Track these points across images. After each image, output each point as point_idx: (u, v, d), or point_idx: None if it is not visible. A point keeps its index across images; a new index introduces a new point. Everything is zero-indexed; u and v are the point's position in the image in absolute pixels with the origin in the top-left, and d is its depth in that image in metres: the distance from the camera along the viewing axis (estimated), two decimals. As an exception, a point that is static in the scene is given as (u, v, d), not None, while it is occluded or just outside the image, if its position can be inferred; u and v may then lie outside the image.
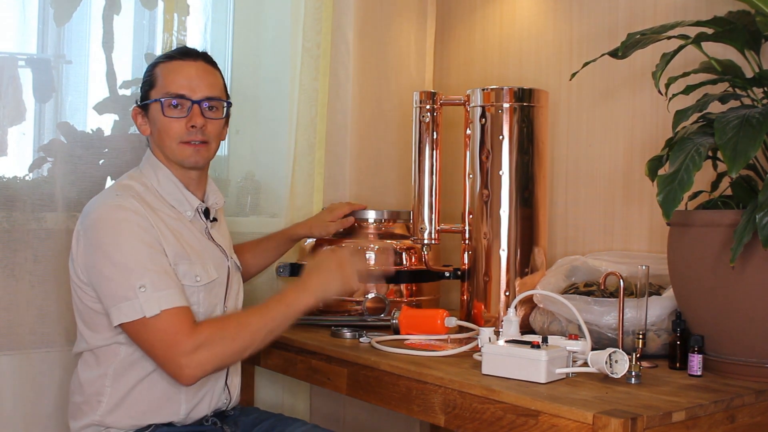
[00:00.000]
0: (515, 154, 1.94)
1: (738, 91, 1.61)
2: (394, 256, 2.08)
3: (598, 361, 1.43)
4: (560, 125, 2.22)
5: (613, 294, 1.71)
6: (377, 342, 1.74)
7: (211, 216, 1.79)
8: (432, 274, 2.09)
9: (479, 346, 1.55)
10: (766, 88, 1.58)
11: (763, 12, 1.50)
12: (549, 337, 1.50)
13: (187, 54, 1.73)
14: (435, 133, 2.02)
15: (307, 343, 1.83)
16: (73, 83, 2.05)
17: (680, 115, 1.52)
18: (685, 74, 1.62)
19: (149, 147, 1.76)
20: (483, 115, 1.97)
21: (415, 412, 1.55)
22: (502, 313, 1.91)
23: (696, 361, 1.51)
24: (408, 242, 2.10)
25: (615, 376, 1.42)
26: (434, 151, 2.02)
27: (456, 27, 2.59)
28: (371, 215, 2.14)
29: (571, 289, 1.80)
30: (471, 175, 2.00)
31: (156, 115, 1.70)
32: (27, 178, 1.96)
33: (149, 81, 1.73)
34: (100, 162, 2.04)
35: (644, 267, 1.62)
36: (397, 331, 1.84)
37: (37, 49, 2.04)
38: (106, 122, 2.09)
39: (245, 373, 1.97)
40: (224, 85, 1.78)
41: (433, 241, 2.02)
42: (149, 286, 1.53)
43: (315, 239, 2.14)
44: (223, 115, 1.75)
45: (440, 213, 2.03)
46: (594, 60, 1.72)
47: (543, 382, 1.40)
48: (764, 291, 1.42)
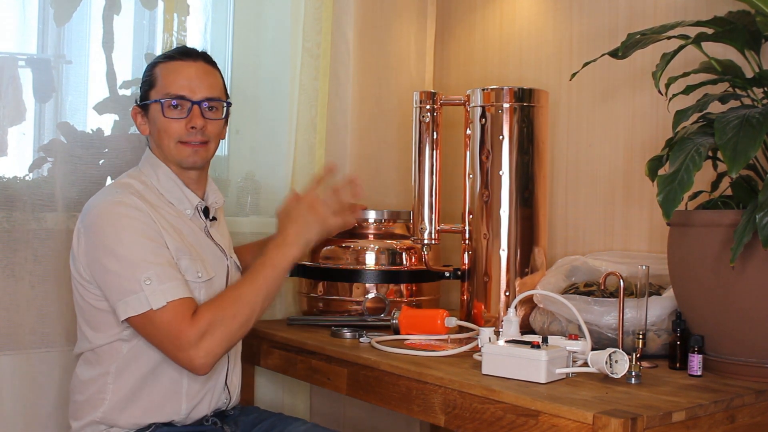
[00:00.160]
0: (515, 154, 1.94)
1: (738, 91, 1.61)
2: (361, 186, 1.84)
3: (598, 361, 1.43)
4: (560, 125, 2.22)
5: (613, 294, 1.71)
6: (377, 342, 1.74)
7: (211, 215, 1.79)
8: (432, 274, 2.09)
9: (479, 346, 1.55)
10: (766, 88, 1.58)
11: (763, 12, 1.50)
12: (549, 337, 1.50)
13: (187, 54, 1.73)
14: (435, 133, 2.02)
15: (307, 343, 1.83)
16: (73, 83, 2.05)
17: (680, 115, 1.52)
18: (685, 74, 1.62)
19: (149, 146, 1.76)
20: (483, 115, 1.97)
21: (415, 412, 1.55)
22: (502, 313, 1.91)
23: (696, 361, 1.51)
24: (408, 242, 2.10)
25: (615, 376, 1.42)
26: (434, 151, 2.02)
27: (456, 27, 2.59)
28: (371, 215, 2.14)
29: (571, 289, 1.80)
30: (471, 175, 2.00)
31: (156, 116, 1.70)
32: (27, 178, 1.96)
33: (149, 81, 1.73)
34: (100, 162, 2.04)
35: (644, 267, 1.62)
36: (397, 331, 1.84)
37: (37, 49, 2.04)
38: (106, 122, 2.09)
39: (245, 373, 1.97)
40: (224, 85, 1.78)
41: (433, 241, 2.02)
42: (154, 278, 1.53)
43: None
44: (223, 116, 1.75)
45: (440, 213, 2.03)
46: (594, 60, 1.72)
47: (543, 382, 1.40)
48: (764, 291, 1.42)
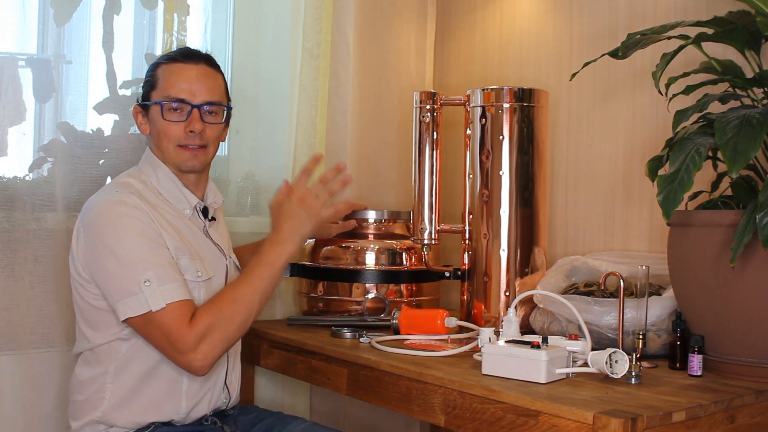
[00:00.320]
0: (515, 154, 1.94)
1: (738, 91, 1.61)
2: (349, 173, 1.84)
3: (598, 361, 1.43)
4: (560, 125, 2.22)
5: (613, 294, 1.71)
6: (377, 342, 1.74)
7: (210, 215, 1.79)
8: (432, 274, 2.09)
9: (479, 346, 1.55)
10: (766, 88, 1.58)
11: (763, 12, 1.50)
12: (549, 337, 1.50)
13: (189, 56, 1.72)
14: (435, 133, 2.02)
15: (307, 343, 1.83)
16: (73, 83, 2.05)
17: (680, 115, 1.52)
18: (685, 74, 1.62)
19: (149, 146, 1.76)
20: (483, 115, 1.97)
21: (415, 412, 1.55)
22: (502, 313, 1.91)
23: (696, 361, 1.51)
24: (408, 242, 2.10)
25: (615, 376, 1.42)
26: (434, 151, 2.02)
27: (456, 27, 2.59)
28: (371, 215, 2.14)
29: (571, 289, 1.80)
30: (471, 175, 2.00)
31: (155, 117, 1.70)
32: (27, 178, 1.96)
33: (150, 81, 1.73)
34: (100, 162, 2.04)
35: (644, 267, 1.62)
36: (397, 331, 1.84)
37: (37, 49, 2.04)
38: (106, 122, 2.09)
39: (245, 373, 1.97)
40: (225, 89, 1.77)
41: (433, 241, 2.02)
42: (154, 280, 1.53)
43: (315, 239, 2.14)
44: (223, 120, 1.75)
45: (440, 213, 2.03)
46: (594, 60, 1.72)
47: (543, 382, 1.40)
48: (764, 291, 1.42)
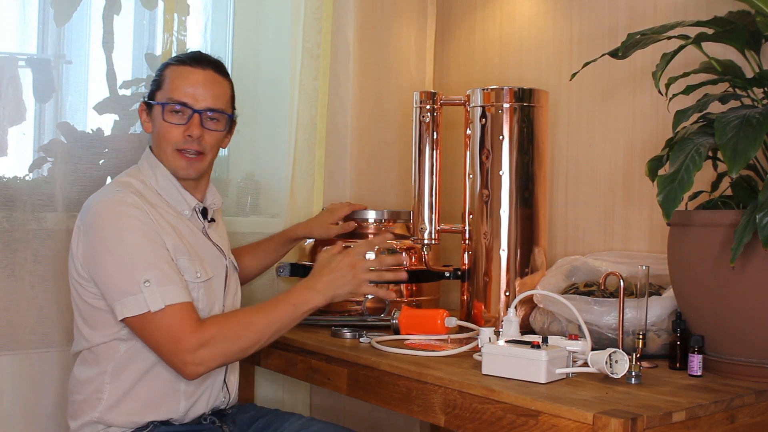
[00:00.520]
0: (515, 154, 1.94)
1: (738, 91, 1.61)
2: (406, 260, 2.00)
3: (598, 361, 1.43)
4: (560, 125, 2.22)
5: (613, 294, 1.71)
6: (377, 342, 1.74)
7: (209, 216, 1.79)
8: (432, 274, 2.09)
9: (479, 346, 1.55)
10: (766, 88, 1.58)
11: (763, 12, 1.50)
12: (549, 337, 1.50)
13: (198, 61, 1.72)
14: (435, 133, 2.02)
15: (307, 343, 1.83)
16: (73, 83, 2.05)
17: (680, 115, 1.52)
18: (686, 74, 1.62)
19: (149, 145, 1.76)
20: (483, 115, 1.97)
21: (415, 412, 1.54)
22: (502, 313, 1.91)
23: (696, 361, 1.51)
24: (408, 242, 2.10)
25: (615, 376, 1.42)
26: (434, 151, 2.02)
27: (456, 27, 2.59)
28: (371, 215, 2.14)
29: (571, 289, 1.80)
30: (471, 175, 2.00)
31: (157, 118, 1.71)
32: (27, 178, 1.96)
33: (157, 81, 1.73)
34: (100, 162, 2.04)
35: (644, 267, 1.61)
36: (397, 331, 1.84)
37: (37, 49, 2.04)
38: (106, 122, 2.09)
39: (245, 372, 1.97)
40: (231, 97, 1.77)
41: (433, 241, 2.02)
42: (153, 280, 1.53)
43: (315, 240, 2.14)
44: (224, 128, 1.75)
45: (440, 213, 2.03)
46: (594, 60, 1.72)
47: (543, 382, 1.40)
48: (764, 291, 1.42)
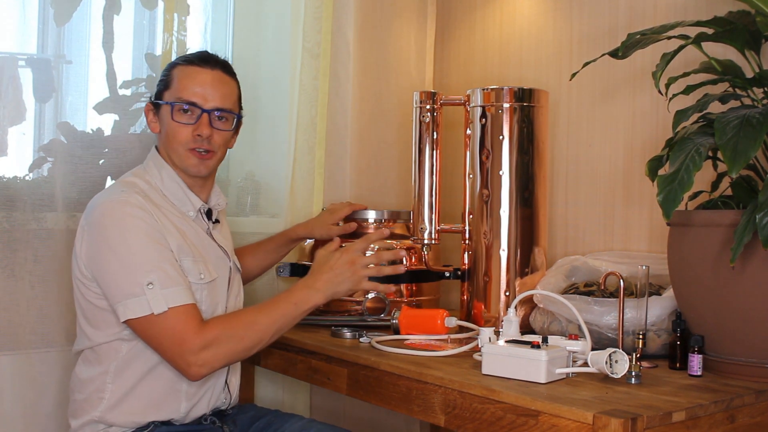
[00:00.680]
0: (515, 154, 1.94)
1: (738, 91, 1.61)
2: (404, 255, 2.01)
3: (598, 361, 1.43)
4: (560, 125, 2.22)
5: (613, 294, 1.71)
6: (377, 342, 1.74)
7: (213, 217, 1.79)
8: (432, 274, 2.09)
9: (479, 346, 1.55)
10: (766, 88, 1.58)
11: (763, 12, 1.50)
12: (549, 337, 1.50)
13: (206, 61, 1.73)
14: (435, 133, 2.02)
15: (307, 343, 1.83)
16: (73, 83, 2.05)
17: (680, 115, 1.52)
18: (686, 74, 1.62)
19: (155, 145, 1.76)
20: (483, 115, 1.97)
21: (415, 412, 1.54)
22: (502, 313, 1.91)
23: (696, 361, 1.51)
24: (408, 242, 2.10)
25: (615, 376, 1.42)
26: (434, 151, 2.02)
27: (456, 27, 2.59)
28: (371, 215, 2.14)
29: (571, 289, 1.80)
30: (471, 175, 2.00)
31: (165, 118, 1.71)
32: (27, 178, 1.96)
33: (165, 81, 1.73)
34: (100, 162, 2.04)
35: (644, 267, 1.61)
36: (397, 331, 1.84)
37: (37, 49, 2.04)
38: (106, 122, 2.09)
39: (245, 372, 1.97)
40: (239, 96, 1.78)
41: (433, 241, 2.02)
42: (157, 282, 1.53)
43: (315, 239, 2.14)
44: (232, 127, 1.75)
45: (440, 213, 2.03)
46: (594, 60, 1.72)
47: (543, 382, 1.40)
48: (764, 291, 1.42)
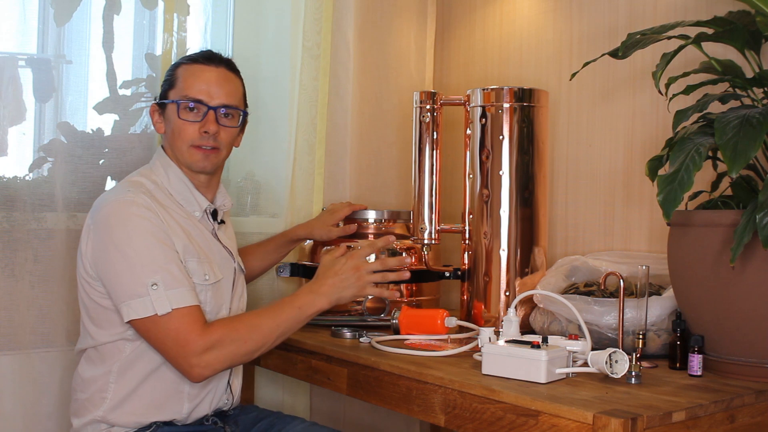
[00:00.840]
0: (515, 154, 1.94)
1: (738, 91, 1.61)
2: (410, 263, 1.97)
3: (598, 361, 1.43)
4: (560, 125, 2.22)
5: (613, 294, 1.71)
6: (377, 342, 1.74)
7: (219, 218, 1.79)
8: (432, 274, 2.09)
9: (479, 346, 1.55)
10: (766, 88, 1.58)
11: (763, 12, 1.50)
12: (549, 337, 1.50)
13: (210, 59, 1.73)
14: (435, 133, 2.02)
15: (307, 343, 1.83)
16: (73, 83, 2.05)
17: (680, 115, 1.52)
18: (686, 74, 1.62)
19: (162, 145, 1.76)
20: (483, 115, 1.97)
21: (415, 412, 1.55)
22: (502, 313, 1.91)
23: (696, 361, 1.51)
24: (408, 242, 2.10)
25: (615, 376, 1.42)
26: (434, 151, 2.02)
27: (456, 27, 2.59)
28: (371, 215, 2.14)
29: (571, 289, 1.80)
30: (471, 175, 2.00)
31: (171, 116, 1.71)
32: (27, 178, 1.96)
33: (169, 80, 1.73)
34: (101, 162, 2.05)
35: (644, 267, 1.62)
36: (397, 331, 1.84)
37: (37, 49, 2.04)
38: (106, 122, 2.09)
39: (245, 372, 1.97)
40: (243, 94, 1.78)
41: (433, 241, 2.02)
42: (161, 283, 1.53)
43: (315, 239, 2.14)
44: (238, 124, 1.76)
45: (440, 213, 2.03)
46: (594, 60, 1.72)
47: (543, 382, 1.40)
48: (764, 291, 1.42)
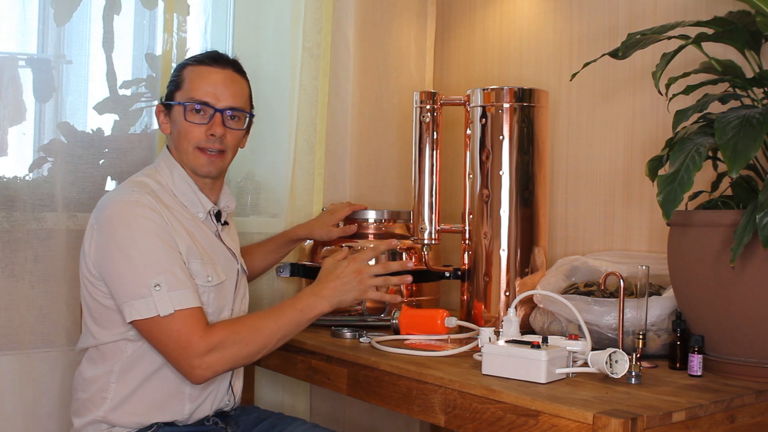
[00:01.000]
0: (515, 154, 1.94)
1: (738, 91, 1.61)
2: (412, 266, 2.00)
3: (598, 361, 1.43)
4: (560, 125, 2.22)
5: (613, 294, 1.71)
6: (377, 342, 1.74)
7: (223, 219, 1.79)
8: (432, 274, 2.09)
9: (479, 346, 1.55)
10: (766, 88, 1.58)
11: (763, 12, 1.50)
12: (549, 337, 1.50)
13: (216, 60, 1.73)
14: (435, 133, 2.02)
15: (307, 343, 1.83)
16: (73, 83, 2.05)
17: (680, 115, 1.52)
18: (686, 74, 1.62)
19: (167, 146, 1.76)
20: (483, 115, 1.97)
21: (415, 412, 1.55)
22: (502, 313, 1.91)
23: (696, 361, 1.51)
24: (408, 242, 2.10)
25: (615, 376, 1.42)
26: (434, 151, 2.02)
27: (456, 27, 2.59)
28: (371, 215, 2.14)
29: (571, 289, 1.80)
30: (471, 175, 2.00)
31: (177, 118, 1.70)
32: (27, 178, 1.96)
33: (176, 81, 1.73)
34: (101, 162, 2.05)
35: (644, 267, 1.62)
36: (397, 331, 1.84)
37: (37, 49, 2.04)
38: (106, 122, 2.09)
39: (245, 372, 1.97)
40: (250, 95, 1.78)
41: (433, 241, 2.02)
42: (164, 284, 1.53)
43: (314, 240, 2.14)
44: (244, 126, 1.76)
45: (440, 213, 2.03)
46: (594, 60, 1.72)
47: (543, 382, 1.40)
48: (764, 291, 1.42)
